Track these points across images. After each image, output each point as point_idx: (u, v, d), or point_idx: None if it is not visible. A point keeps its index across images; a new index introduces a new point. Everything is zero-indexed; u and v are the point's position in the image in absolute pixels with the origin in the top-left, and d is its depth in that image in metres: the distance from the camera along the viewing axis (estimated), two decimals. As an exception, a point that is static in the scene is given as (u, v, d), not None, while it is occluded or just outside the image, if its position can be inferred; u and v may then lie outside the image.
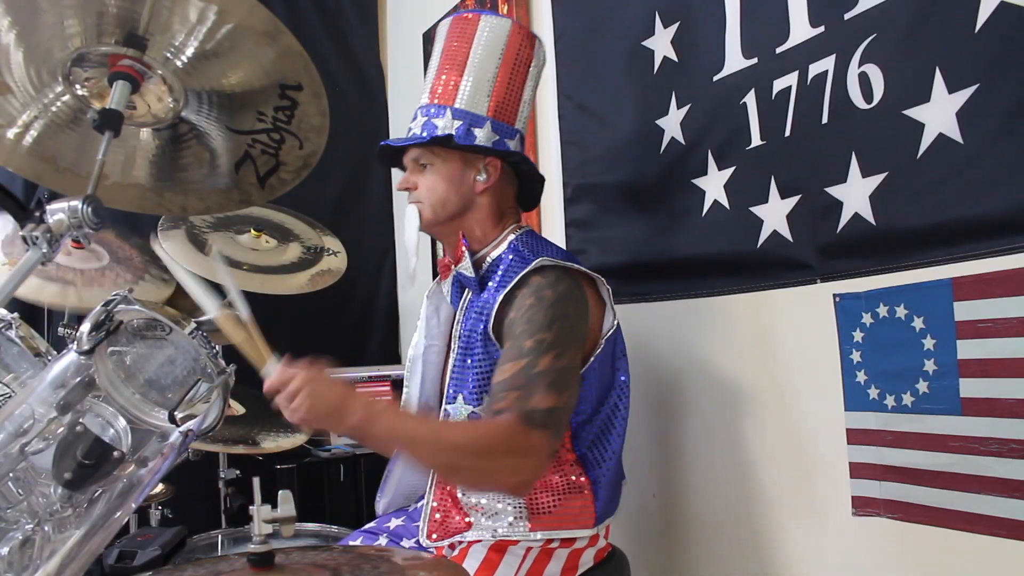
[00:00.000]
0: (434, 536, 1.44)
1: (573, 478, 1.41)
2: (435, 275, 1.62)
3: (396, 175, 1.59)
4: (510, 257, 1.44)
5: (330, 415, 1.18)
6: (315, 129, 1.18)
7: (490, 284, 1.43)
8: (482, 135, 1.46)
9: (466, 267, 1.47)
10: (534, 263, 1.36)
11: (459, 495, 1.44)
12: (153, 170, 1.19)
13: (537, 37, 1.57)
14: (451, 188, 1.49)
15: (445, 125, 1.47)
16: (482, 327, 1.39)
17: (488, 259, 1.49)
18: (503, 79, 1.50)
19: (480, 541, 1.40)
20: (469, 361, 1.41)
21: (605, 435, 1.44)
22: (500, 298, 1.37)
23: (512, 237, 1.49)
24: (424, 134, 1.48)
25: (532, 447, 1.23)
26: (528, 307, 1.34)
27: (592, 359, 1.40)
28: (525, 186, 1.57)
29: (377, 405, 1.23)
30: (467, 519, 1.42)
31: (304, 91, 1.13)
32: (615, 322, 1.44)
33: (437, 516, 1.45)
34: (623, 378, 1.47)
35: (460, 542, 1.42)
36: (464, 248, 1.48)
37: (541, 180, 1.57)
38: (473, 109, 1.47)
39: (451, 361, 1.46)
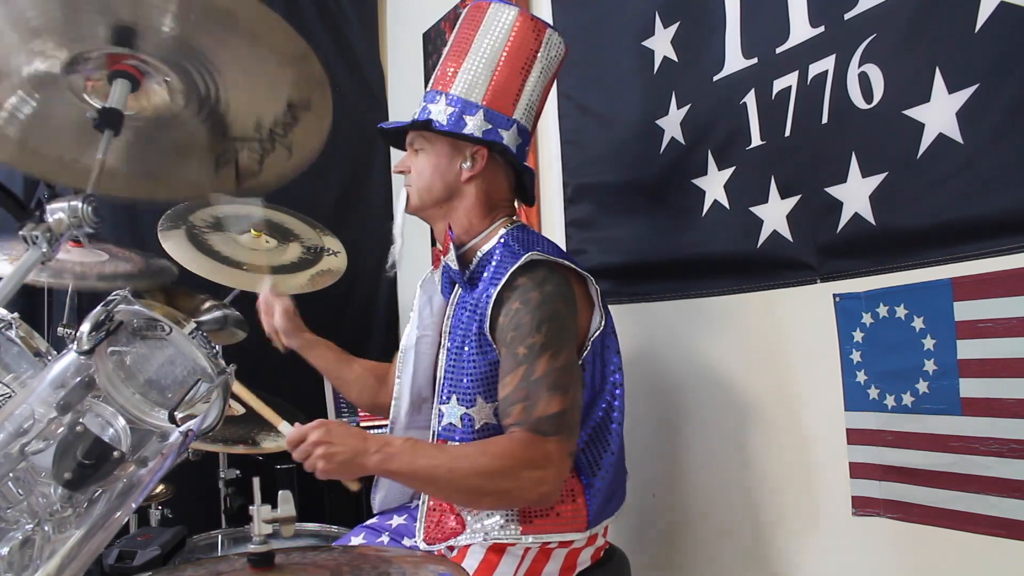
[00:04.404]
0: (430, 539, 1.44)
1: (567, 484, 1.38)
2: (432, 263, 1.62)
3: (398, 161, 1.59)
4: (500, 252, 1.42)
5: (346, 466, 1.25)
6: (309, 146, 1.16)
7: (481, 281, 1.41)
8: (473, 123, 1.44)
9: (451, 259, 1.45)
10: (524, 258, 1.35)
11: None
12: (127, 156, 1.17)
13: (548, 26, 1.53)
14: (437, 174, 1.48)
15: (438, 111, 1.46)
16: (476, 327, 1.38)
17: (478, 253, 1.47)
18: (504, 68, 1.47)
19: (476, 543, 1.40)
20: (463, 360, 1.40)
21: (600, 437, 1.42)
22: (494, 297, 1.36)
23: (503, 231, 1.47)
24: (418, 117, 1.48)
25: (548, 456, 1.27)
26: (515, 312, 1.34)
27: (579, 359, 1.39)
28: (524, 179, 1.54)
29: (391, 447, 1.27)
30: (461, 522, 1.42)
31: (311, 111, 1.11)
32: (602, 323, 1.42)
33: (432, 519, 1.45)
34: (616, 378, 1.45)
35: (454, 547, 1.42)
36: (450, 239, 1.47)
37: (528, 171, 1.53)
38: (468, 96, 1.45)
39: (443, 356, 1.45)
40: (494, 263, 1.41)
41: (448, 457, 1.30)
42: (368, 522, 1.63)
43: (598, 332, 1.42)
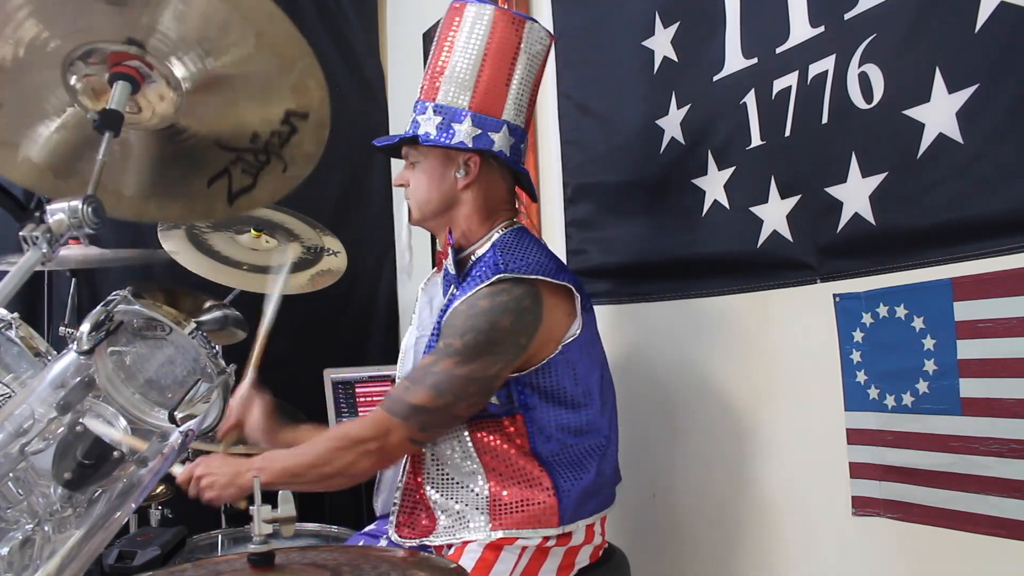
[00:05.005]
0: (404, 531, 1.46)
1: (535, 479, 1.39)
2: (435, 266, 1.63)
3: (397, 171, 1.59)
4: (485, 259, 1.43)
5: (227, 488, 1.38)
6: (305, 156, 1.13)
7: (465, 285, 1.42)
8: (462, 130, 1.43)
9: (450, 263, 1.47)
10: (493, 278, 1.35)
11: (426, 493, 1.45)
12: (121, 172, 1.16)
13: (528, 19, 1.49)
14: (433, 186, 1.48)
15: (426, 122, 1.45)
16: (437, 328, 1.42)
17: (472, 258, 1.48)
18: (488, 69, 1.45)
19: (475, 540, 1.40)
20: None
21: (575, 437, 1.43)
22: (454, 305, 1.39)
23: (497, 236, 1.47)
24: (408, 131, 1.48)
25: (384, 433, 1.36)
26: (457, 312, 1.37)
27: (546, 362, 1.39)
28: (520, 179, 1.54)
29: (260, 461, 1.41)
30: (432, 519, 1.44)
31: (308, 120, 1.10)
32: (578, 331, 1.42)
33: (404, 511, 1.47)
34: (592, 383, 1.46)
35: (452, 544, 1.42)
36: (450, 244, 1.47)
37: (523, 172, 1.52)
38: (454, 103, 1.44)
39: None
40: (475, 271, 1.42)
41: (293, 453, 1.41)
42: (367, 529, 1.63)
43: (573, 339, 1.41)
